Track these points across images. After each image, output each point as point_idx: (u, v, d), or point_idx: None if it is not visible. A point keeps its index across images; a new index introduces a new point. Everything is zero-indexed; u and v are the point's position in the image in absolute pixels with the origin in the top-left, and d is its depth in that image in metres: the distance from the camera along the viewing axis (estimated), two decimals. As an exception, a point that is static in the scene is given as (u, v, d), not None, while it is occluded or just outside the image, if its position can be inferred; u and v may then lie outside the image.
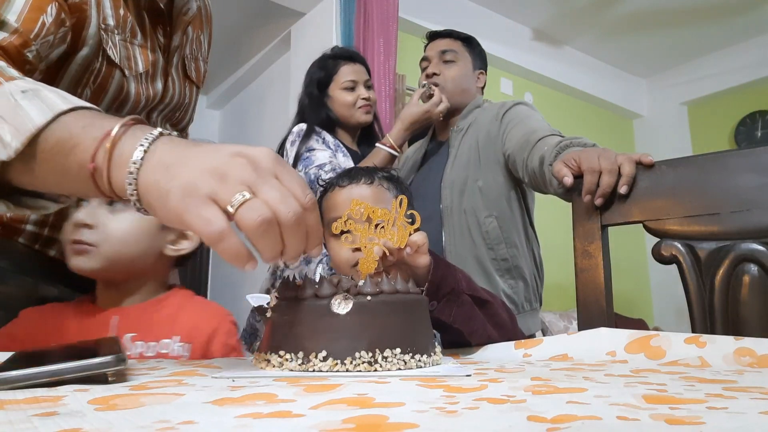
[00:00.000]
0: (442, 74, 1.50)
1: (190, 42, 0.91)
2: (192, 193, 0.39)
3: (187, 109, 0.94)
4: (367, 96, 1.57)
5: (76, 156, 0.43)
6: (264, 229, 0.39)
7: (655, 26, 3.68)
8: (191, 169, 0.40)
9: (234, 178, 0.40)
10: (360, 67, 1.60)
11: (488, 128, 1.41)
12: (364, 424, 0.26)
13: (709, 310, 0.80)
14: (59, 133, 0.44)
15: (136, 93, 0.78)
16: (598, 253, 0.88)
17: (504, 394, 0.35)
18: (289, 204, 0.40)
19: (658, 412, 0.28)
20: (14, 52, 0.61)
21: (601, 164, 0.87)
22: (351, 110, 1.56)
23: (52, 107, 0.45)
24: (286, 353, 0.49)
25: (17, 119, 0.44)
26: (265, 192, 0.40)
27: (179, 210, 0.40)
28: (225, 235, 0.39)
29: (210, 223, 0.39)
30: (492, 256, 1.35)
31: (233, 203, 0.39)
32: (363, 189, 0.80)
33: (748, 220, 0.78)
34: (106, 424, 0.26)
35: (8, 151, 0.44)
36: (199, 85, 0.97)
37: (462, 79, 1.52)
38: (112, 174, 0.42)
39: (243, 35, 3.30)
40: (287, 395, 0.35)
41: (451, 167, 1.42)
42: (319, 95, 1.58)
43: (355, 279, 0.53)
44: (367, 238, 0.59)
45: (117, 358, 0.40)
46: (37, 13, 0.63)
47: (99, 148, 0.42)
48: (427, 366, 0.51)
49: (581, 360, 0.61)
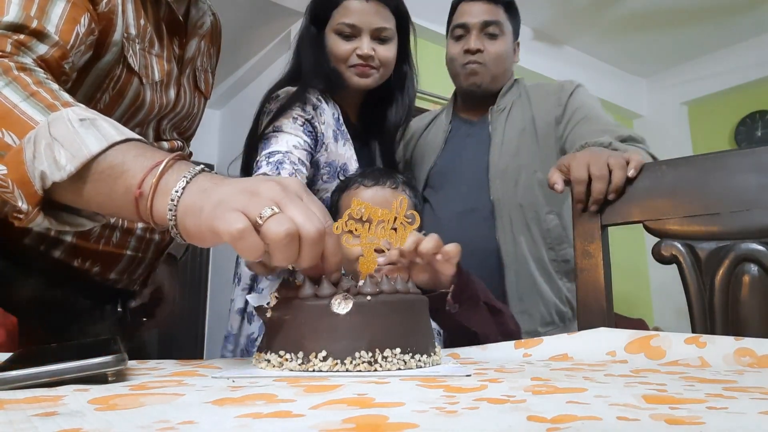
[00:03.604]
0: (486, 50, 1.27)
1: (201, 54, 0.93)
2: (223, 205, 0.43)
3: (194, 118, 0.96)
4: (366, 52, 1.07)
5: (125, 181, 0.48)
6: (287, 242, 0.42)
7: (655, 26, 3.67)
8: (226, 189, 0.45)
9: (264, 195, 0.44)
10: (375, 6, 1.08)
11: (547, 113, 1.26)
12: (364, 424, 0.26)
13: (709, 310, 0.80)
14: (111, 159, 0.48)
15: (151, 100, 0.80)
16: (598, 253, 0.88)
17: (504, 394, 0.35)
18: (313, 222, 0.44)
19: (658, 412, 0.28)
20: (55, 65, 0.62)
21: (591, 171, 0.86)
22: (342, 66, 1.10)
23: (107, 137, 0.49)
24: (286, 353, 0.49)
25: (74, 145, 0.48)
26: (292, 209, 0.44)
27: (210, 219, 0.43)
28: (246, 233, 0.42)
29: (233, 222, 0.42)
30: (552, 256, 1.24)
31: (262, 215, 0.42)
32: (387, 192, 0.81)
33: (748, 220, 0.78)
34: (106, 424, 0.26)
35: (62, 174, 0.48)
36: (207, 96, 0.98)
37: (505, 56, 1.31)
38: (155, 201, 0.47)
39: (243, 35, 3.29)
40: (287, 395, 0.35)
41: (499, 154, 1.25)
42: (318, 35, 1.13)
43: (355, 279, 0.53)
44: (368, 239, 0.59)
45: (117, 358, 0.40)
46: (72, 24, 0.64)
47: (147, 176, 0.47)
48: (427, 366, 0.51)
49: (581, 360, 0.61)
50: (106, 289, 0.86)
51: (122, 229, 0.83)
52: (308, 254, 0.44)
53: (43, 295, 0.78)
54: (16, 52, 0.58)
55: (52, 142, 0.48)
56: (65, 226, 0.54)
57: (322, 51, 1.11)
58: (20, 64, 0.57)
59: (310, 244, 0.44)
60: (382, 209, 0.60)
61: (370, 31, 1.08)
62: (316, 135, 1.06)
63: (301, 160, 1.01)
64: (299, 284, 0.51)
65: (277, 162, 0.98)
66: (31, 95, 0.52)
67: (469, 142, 1.33)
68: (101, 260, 0.82)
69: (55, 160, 0.48)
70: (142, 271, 0.91)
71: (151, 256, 0.91)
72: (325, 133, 1.07)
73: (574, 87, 1.28)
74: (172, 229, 0.46)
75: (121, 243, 0.84)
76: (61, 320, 0.79)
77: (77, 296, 0.82)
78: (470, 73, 1.29)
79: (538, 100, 1.29)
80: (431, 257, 0.61)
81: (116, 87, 0.75)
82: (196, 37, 0.89)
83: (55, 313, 0.79)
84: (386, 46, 1.10)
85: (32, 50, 0.60)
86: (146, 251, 0.89)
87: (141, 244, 0.87)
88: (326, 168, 1.08)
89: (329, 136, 1.07)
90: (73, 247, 0.79)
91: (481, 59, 1.27)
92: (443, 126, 1.38)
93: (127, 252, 0.85)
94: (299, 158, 1.01)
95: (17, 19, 0.60)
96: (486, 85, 1.30)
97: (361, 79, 1.10)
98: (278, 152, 1.00)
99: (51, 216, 0.52)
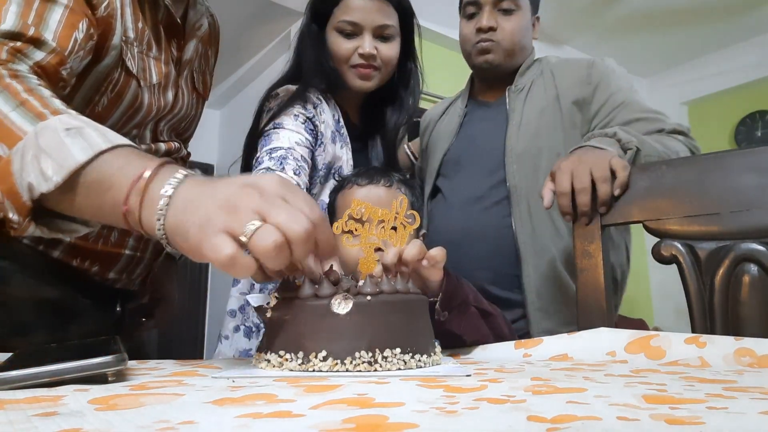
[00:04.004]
0: (499, 28, 1.17)
1: (199, 56, 0.93)
2: (207, 227, 0.43)
3: (192, 120, 0.96)
4: (368, 51, 1.03)
5: (111, 196, 0.47)
6: (277, 253, 0.42)
7: (655, 26, 3.67)
8: (207, 206, 0.44)
9: (244, 208, 0.43)
10: (377, 3, 1.04)
11: (573, 91, 1.15)
12: (364, 424, 0.26)
13: (709, 310, 0.80)
14: (96, 174, 0.48)
15: (149, 103, 0.80)
16: (598, 253, 0.88)
17: (504, 394, 0.35)
18: (298, 222, 0.43)
19: (658, 412, 0.28)
20: (52, 71, 0.62)
21: (573, 183, 0.85)
22: (343, 66, 1.06)
23: (93, 146, 0.48)
24: (286, 353, 0.49)
25: (60, 155, 0.48)
26: (274, 215, 0.43)
27: (197, 245, 0.43)
28: (235, 259, 0.42)
29: (220, 250, 0.42)
30: None
31: (246, 233, 0.42)
32: (381, 191, 0.80)
33: (748, 220, 0.78)
34: (106, 424, 0.26)
35: (49, 185, 0.48)
36: (205, 97, 0.98)
37: (522, 33, 1.20)
38: (143, 215, 0.46)
39: (243, 35, 3.29)
40: (287, 395, 0.35)
41: (516, 136, 1.14)
42: (319, 33, 1.09)
43: (356, 279, 0.53)
44: (368, 239, 0.59)
45: (117, 358, 0.40)
46: (70, 30, 0.64)
47: (131, 191, 0.47)
48: (427, 366, 0.51)
49: (581, 360, 0.61)
50: (105, 288, 0.86)
51: (121, 229, 0.83)
52: (301, 254, 0.44)
53: (42, 295, 0.78)
54: (11, 60, 0.58)
55: (39, 152, 0.48)
56: (59, 233, 0.54)
57: (323, 50, 1.07)
58: (13, 71, 0.57)
59: (300, 245, 0.44)
60: (382, 209, 0.60)
61: (372, 28, 1.04)
62: (317, 134, 1.04)
63: (303, 157, 0.99)
64: (299, 284, 0.51)
65: (280, 158, 0.96)
66: (21, 104, 0.53)
67: (484, 125, 1.24)
68: (100, 260, 0.82)
69: (41, 171, 0.48)
70: (140, 271, 0.91)
71: (150, 256, 0.91)
72: (324, 133, 1.05)
73: (606, 65, 1.17)
74: (167, 246, 0.47)
75: (120, 242, 0.84)
76: (60, 320, 0.79)
77: (76, 296, 0.82)
78: (482, 51, 1.19)
79: (563, 77, 1.18)
80: (417, 264, 0.60)
81: (114, 90, 0.75)
82: (194, 39, 0.89)
83: (54, 312, 0.79)
84: (389, 44, 1.07)
85: (29, 57, 0.60)
86: (145, 251, 0.89)
87: (139, 243, 0.87)
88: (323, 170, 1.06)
89: (327, 136, 1.05)
90: (72, 247, 0.79)
91: (493, 37, 1.17)
92: (458, 111, 1.30)
93: (125, 251, 0.85)
94: (302, 155, 0.98)
95: (14, 27, 0.60)
96: (500, 63, 1.20)
97: (362, 82, 1.07)
98: (280, 148, 0.97)
99: (44, 224, 0.52)
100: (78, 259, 0.80)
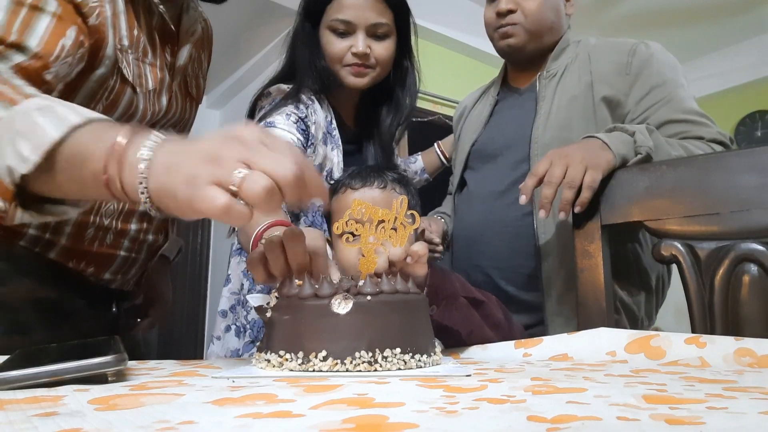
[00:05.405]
0: (519, 8, 1.09)
1: (192, 61, 0.94)
2: (194, 182, 0.43)
3: (186, 124, 0.97)
4: (361, 50, 1.01)
5: (90, 168, 0.47)
6: (269, 197, 0.42)
7: (655, 26, 3.67)
8: (189, 162, 0.44)
9: (228, 158, 0.43)
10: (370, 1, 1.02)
11: (609, 79, 1.05)
12: (364, 424, 0.26)
13: (709, 310, 0.80)
14: (73, 147, 0.48)
15: (144, 108, 0.80)
16: (598, 253, 0.88)
17: (504, 394, 0.35)
18: (284, 165, 0.43)
19: (658, 412, 0.28)
20: (34, 74, 0.63)
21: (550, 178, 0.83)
22: (337, 66, 1.04)
23: (65, 121, 0.49)
24: (286, 353, 0.49)
25: (35, 135, 0.48)
26: (260, 162, 0.43)
27: (188, 201, 0.43)
28: (230, 207, 0.42)
29: (213, 201, 0.42)
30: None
31: (234, 182, 0.42)
32: (375, 193, 0.79)
33: (748, 220, 0.78)
34: (106, 424, 0.26)
35: (27, 165, 0.48)
36: (199, 101, 0.98)
37: (547, 12, 1.10)
38: (124, 182, 0.46)
39: (243, 35, 3.29)
40: (287, 395, 0.35)
41: (544, 126, 1.06)
42: (312, 32, 1.06)
43: (356, 279, 0.53)
44: (369, 239, 0.59)
45: (117, 358, 0.40)
46: (57, 37, 0.65)
47: (109, 159, 0.46)
48: (427, 366, 0.51)
49: (581, 360, 0.61)
50: (100, 289, 0.87)
51: (116, 231, 0.84)
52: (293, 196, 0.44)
53: (39, 296, 0.79)
54: None
55: (15, 135, 0.49)
56: (48, 216, 0.54)
57: (316, 49, 1.05)
58: None
59: (291, 188, 0.44)
60: (383, 209, 0.60)
61: (366, 27, 1.01)
62: (308, 134, 1.02)
63: None
64: (299, 284, 0.51)
65: None
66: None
67: (513, 114, 1.16)
68: (95, 261, 0.83)
69: (19, 152, 0.48)
70: (135, 272, 0.92)
71: (144, 257, 0.92)
72: (315, 134, 1.03)
73: (651, 53, 1.05)
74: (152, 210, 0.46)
75: (115, 244, 0.85)
76: (56, 320, 0.80)
77: (72, 296, 0.82)
78: (503, 36, 1.12)
79: (600, 61, 1.08)
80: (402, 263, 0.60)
81: (110, 97, 0.76)
82: (188, 45, 0.90)
83: (51, 313, 0.79)
84: (383, 43, 1.04)
85: (9, 59, 0.61)
86: (139, 252, 0.90)
87: (134, 245, 0.88)
88: None
89: (318, 138, 1.04)
90: (67, 249, 0.79)
91: (514, 20, 1.10)
92: (490, 99, 1.22)
93: (120, 253, 0.86)
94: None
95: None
96: (524, 45, 1.12)
97: (356, 79, 1.04)
98: None
99: (33, 209, 0.53)
100: (74, 261, 0.81)
